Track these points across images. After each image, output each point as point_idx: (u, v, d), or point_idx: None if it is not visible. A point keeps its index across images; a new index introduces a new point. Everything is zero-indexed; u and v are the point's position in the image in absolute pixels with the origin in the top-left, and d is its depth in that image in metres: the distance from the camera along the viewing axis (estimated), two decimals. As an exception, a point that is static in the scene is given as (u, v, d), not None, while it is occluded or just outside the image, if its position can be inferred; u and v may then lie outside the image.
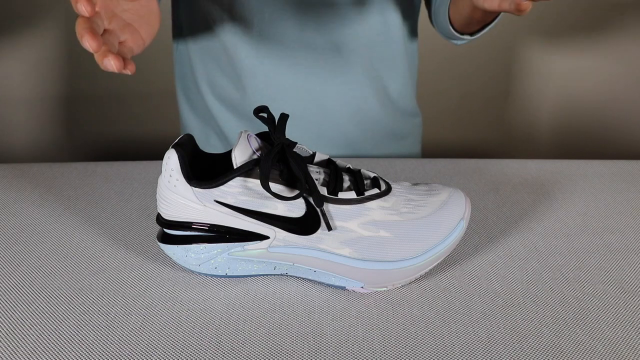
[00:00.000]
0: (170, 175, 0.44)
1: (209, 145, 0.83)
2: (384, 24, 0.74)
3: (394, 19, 0.75)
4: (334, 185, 0.45)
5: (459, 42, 0.77)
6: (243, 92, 0.77)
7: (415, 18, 0.81)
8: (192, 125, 0.85)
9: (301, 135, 0.78)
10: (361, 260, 0.44)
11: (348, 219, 0.44)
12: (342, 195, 0.44)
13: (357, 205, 0.44)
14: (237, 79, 0.76)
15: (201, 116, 0.83)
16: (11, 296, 0.45)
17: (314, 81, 0.75)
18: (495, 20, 0.67)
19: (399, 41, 0.77)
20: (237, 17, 0.73)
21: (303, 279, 0.48)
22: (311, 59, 0.74)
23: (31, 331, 0.41)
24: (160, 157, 0.69)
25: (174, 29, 0.83)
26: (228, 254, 0.46)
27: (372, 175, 0.48)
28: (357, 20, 0.73)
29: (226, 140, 0.81)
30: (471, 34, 0.72)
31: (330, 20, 0.72)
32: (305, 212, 0.44)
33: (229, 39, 0.74)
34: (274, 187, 0.43)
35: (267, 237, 0.45)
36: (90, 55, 1.40)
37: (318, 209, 0.43)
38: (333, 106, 0.77)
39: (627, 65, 1.42)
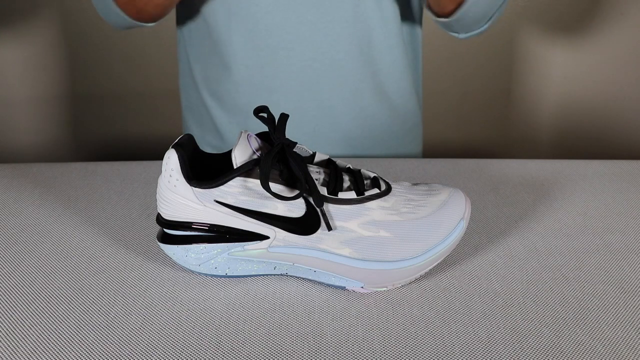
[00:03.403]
0: (170, 175, 0.44)
1: (205, 142, 0.83)
2: (381, 19, 0.74)
3: (391, 13, 0.75)
4: (334, 185, 0.45)
5: (460, 36, 0.77)
6: (237, 86, 0.77)
7: (414, 17, 0.81)
8: (190, 122, 0.85)
9: (298, 130, 0.78)
10: (361, 260, 0.44)
11: (348, 219, 0.44)
12: (342, 195, 0.44)
13: (357, 205, 0.44)
14: (229, 72, 0.76)
15: (197, 113, 0.83)
16: (11, 296, 0.45)
17: (309, 74, 0.75)
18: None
19: (397, 36, 0.77)
20: (232, 9, 0.73)
21: (303, 279, 0.48)
22: (306, 51, 0.74)
23: (31, 331, 0.41)
24: (160, 157, 0.69)
25: (177, 26, 0.83)
26: (228, 254, 0.46)
27: (372, 175, 0.48)
28: (353, 12, 0.73)
29: (221, 138, 0.81)
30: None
31: (326, 12, 0.72)
32: (305, 212, 0.44)
33: (224, 32, 0.74)
34: (274, 187, 0.43)
35: (267, 237, 0.45)
36: (91, 55, 1.40)
37: (318, 209, 0.43)
38: (329, 100, 0.77)
39: (627, 65, 1.42)
